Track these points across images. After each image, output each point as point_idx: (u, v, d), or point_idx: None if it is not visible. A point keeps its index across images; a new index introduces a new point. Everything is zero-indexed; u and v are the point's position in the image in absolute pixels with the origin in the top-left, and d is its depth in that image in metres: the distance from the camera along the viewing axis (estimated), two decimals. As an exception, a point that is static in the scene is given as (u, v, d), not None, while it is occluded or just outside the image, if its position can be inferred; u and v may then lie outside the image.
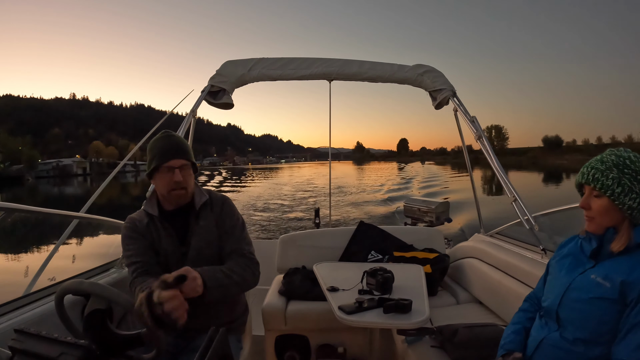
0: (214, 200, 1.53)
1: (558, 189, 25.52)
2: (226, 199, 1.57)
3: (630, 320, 0.95)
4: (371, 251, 2.62)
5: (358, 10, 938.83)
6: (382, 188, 25.75)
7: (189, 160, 1.44)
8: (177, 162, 1.39)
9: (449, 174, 40.57)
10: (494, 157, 2.41)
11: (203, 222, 1.47)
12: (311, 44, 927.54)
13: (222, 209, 1.52)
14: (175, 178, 1.38)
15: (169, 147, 1.41)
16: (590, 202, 1.06)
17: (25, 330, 0.88)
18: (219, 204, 1.53)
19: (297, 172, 65.37)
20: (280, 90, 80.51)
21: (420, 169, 56.79)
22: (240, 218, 1.56)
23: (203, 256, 1.43)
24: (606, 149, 1.08)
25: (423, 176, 37.90)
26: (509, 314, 1.53)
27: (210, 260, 1.42)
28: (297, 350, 2.23)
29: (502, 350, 1.20)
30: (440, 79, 2.81)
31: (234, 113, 48.88)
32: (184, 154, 1.42)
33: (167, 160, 1.38)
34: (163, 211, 1.48)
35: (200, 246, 1.45)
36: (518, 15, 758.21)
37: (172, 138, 1.44)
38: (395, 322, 1.54)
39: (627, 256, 1.01)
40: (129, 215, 1.52)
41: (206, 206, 1.50)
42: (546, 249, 1.97)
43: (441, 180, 31.60)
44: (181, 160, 1.40)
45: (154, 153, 1.41)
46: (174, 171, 1.39)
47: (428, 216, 3.63)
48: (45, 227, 5.39)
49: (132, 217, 1.50)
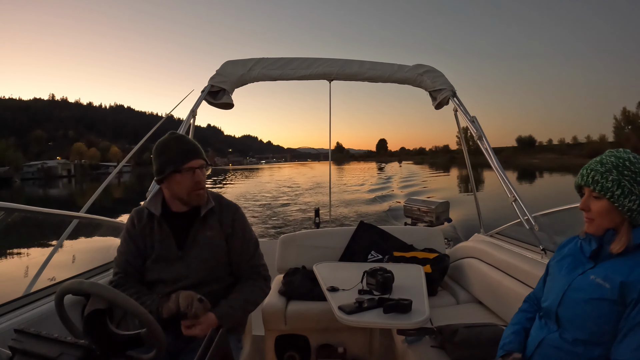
0: (224, 209, 1.50)
1: (532, 186, 25.81)
2: (237, 209, 1.54)
3: (629, 320, 0.95)
4: (371, 251, 2.62)
5: (358, 10, 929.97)
6: (361, 188, 26.20)
7: (205, 160, 1.43)
8: (197, 162, 1.39)
9: (427, 173, 42.17)
10: (494, 157, 2.41)
11: (210, 233, 1.44)
12: (311, 44, 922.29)
13: (234, 221, 1.49)
14: (197, 178, 1.38)
15: (187, 148, 1.39)
16: (590, 204, 1.06)
17: (25, 330, 0.88)
18: (229, 215, 1.49)
19: (278, 173, 66.15)
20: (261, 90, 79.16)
21: (398, 169, 57.86)
22: (252, 230, 1.56)
23: (207, 266, 1.43)
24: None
25: (401, 175, 38.96)
26: (509, 314, 1.52)
27: (215, 272, 1.43)
28: (297, 350, 2.23)
29: (502, 350, 1.20)
30: (440, 79, 2.81)
31: (215, 114, 48.93)
32: (202, 153, 1.42)
33: (188, 161, 1.37)
34: (166, 212, 1.45)
35: (204, 257, 1.42)
36: (492, 14, 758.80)
37: (185, 138, 1.43)
38: (395, 322, 1.54)
39: (626, 257, 1.01)
40: (134, 209, 1.51)
41: (213, 214, 1.47)
42: (546, 249, 1.97)
43: (419, 179, 32.68)
44: (200, 161, 1.40)
45: (170, 155, 1.38)
46: (194, 171, 1.38)
47: (428, 216, 3.63)
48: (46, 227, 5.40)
49: (136, 213, 1.48)
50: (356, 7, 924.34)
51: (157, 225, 1.44)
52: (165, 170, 1.37)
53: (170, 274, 1.41)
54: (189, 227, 1.44)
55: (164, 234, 1.43)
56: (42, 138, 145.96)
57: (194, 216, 1.45)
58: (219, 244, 1.45)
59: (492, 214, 2.86)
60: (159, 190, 1.48)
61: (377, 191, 22.18)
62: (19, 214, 1.52)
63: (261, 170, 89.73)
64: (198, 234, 1.44)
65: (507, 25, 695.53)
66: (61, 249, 1.97)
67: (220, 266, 1.46)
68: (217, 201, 1.51)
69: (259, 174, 66.09)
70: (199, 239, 1.43)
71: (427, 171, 48.18)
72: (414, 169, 55.24)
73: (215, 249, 1.44)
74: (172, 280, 1.40)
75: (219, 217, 1.48)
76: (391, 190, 22.53)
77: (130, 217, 1.49)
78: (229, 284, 1.50)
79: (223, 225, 1.47)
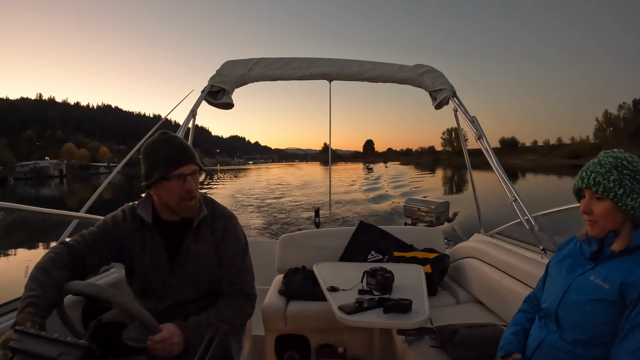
0: (217, 219, 1.36)
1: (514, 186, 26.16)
2: (230, 218, 1.39)
3: (629, 321, 0.95)
4: (371, 251, 2.62)
5: (358, 10, 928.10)
6: (353, 188, 26.60)
7: (198, 165, 1.27)
8: (188, 168, 1.22)
9: (414, 174, 43.07)
10: (494, 157, 2.41)
11: (203, 247, 1.31)
12: (311, 44, 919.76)
13: (225, 231, 1.35)
14: (187, 186, 1.22)
15: (177, 151, 1.23)
16: (592, 206, 1.05)
17: (25, 330, 0.88)
18: (221, 225, 1.35)
19: (268, 173, 66.73)
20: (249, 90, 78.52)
21: (385, 170, 58.64)
22: (244, 241, 1.40)
23: (200, 281, 1.32)
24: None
25: (389, 175, 39.87)
26: (509, 314, 1.53)
27: (208, 286, 1.33)
28: (297, 350, 2.23)
29: (502, 351, 1.20)
30: (440, 79, 2.82)
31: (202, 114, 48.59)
32: (194, 157, 1.26)
33: (178, 167, 1.21)
34: (157, 220, 1.31)
35: (197, 272, 1.30)
36: (479, 14, 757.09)
37: (176, 140, 1.26)
38: (395, 322, 1.54)
39: (626, 258, 1.01)
40: (128, 206, 1.36)
41: (206, 224, 1.33)
42: (546, 249, 1.97)
43: (408, 178, 33.51)
44: (192, 166, 1.24)
45: (158, 159, 1.22)
46: (185, 179, 1.22)
47: (428, 216, 3.63)
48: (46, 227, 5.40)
49: (130, 211, 1.33)
50: (356, 7, 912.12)
51: (148, 233, 1.31)
52: (152, 175, 1.22)
53: (159, 287, 1.30)
54: (182, 238, 1.31)
55: (154, 243, 1.30)
56: (32, 138, 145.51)
57: (186, 226, 1.31)
58: (212, 259, 1.33)
59: (484, 214, 2.89)
60: (148, 194, 1.32)
61: (371, 191, 22.51)
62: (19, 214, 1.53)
63: (250, 170, 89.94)
64: (191, 246, 1.30)
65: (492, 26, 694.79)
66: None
67: (212, 282, 1.34)
68: (210, 207, 1.37)
69: (249, 174, 66.72)
70: (192, 252, 1.30)
71: (414, 172, 49.24)
72: (402, 169, 56.21)
73: (208, 263, 1.32)
74: (161, 293, 1.30)
75: (211, 227, 1.34)
76: (385, 191, 22.92)
77: (123, 210, 1.35)
78: None
79: (215, 237, 1.34)
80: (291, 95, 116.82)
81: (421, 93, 2.91)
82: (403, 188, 23.88)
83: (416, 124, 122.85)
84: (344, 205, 16.10)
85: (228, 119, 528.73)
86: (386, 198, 18.63)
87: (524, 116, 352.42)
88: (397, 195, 19.06)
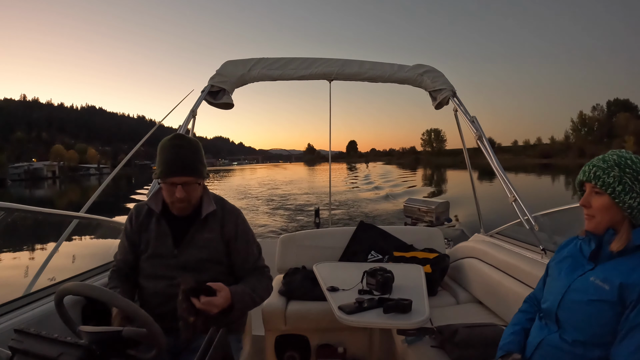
0: (225, 213, 1.49)
1: (492, 185, 26.24)
2: (240, 213, 1.54)
3: (629, 322, 0.95)
4: (371, 251, 2.62)
5: (358, 10, 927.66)
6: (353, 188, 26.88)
7: (193, 176, 1.37)
8: (179, 179, 1.34)
9: (398, 173, 44.78)
10: (494, 157, 2.41)
11: (209, 235, 1.43)
12: (311, 44, 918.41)
13: (237, 225, 1.49)
14: (177, 194, 1.34)
15: (174, 162, 1.34)
16: (590, 200, 1.06)
17: (25, 330, 0.89)
18: (231, 219, 1.48)
19: (255, 174, 67.30)
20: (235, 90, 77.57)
21: (372, 169, 60.31)
22: (252, 232, 1.56)
23: (205, 268, 1.42)
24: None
25: (377, 174, 41.60)
26: (509, 314, 1.53)
27: (213, 273, 1.42)
28: (297, 350, 2.23)
29: (502, 351, 1.20)
30: (440, 79, 2.82)
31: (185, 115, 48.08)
32: (190, 170, 1.36)
33: (170, 177, 1.33)
34: (166, 210, 1.45)
35: (201, 258, 1.42)
36: (461, 13, 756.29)
37: (181, 151, 1.36)
38: (395, 322, 1.54)
39: (626, 258, 1.01)
40: (135, 205, 1.53)
41: (215, 217, 1.46)
42: (546, 249, 1.97)
43: (395, 176, 35.06)
44: (185, 178, 1.35)
45: (160, 162, 1.36)
46: (176, 187, 1.34)
47: (428, 216, 3.64)
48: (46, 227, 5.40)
49: (136, 209, 1.50)
50: (356, 7, 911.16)
51: (156, 222, 1.45)
52: (156, 175, 1.37)
53: (165, 272, 1.41)
54: (188, 227, 1.43)
55: (161, 231, 1.43)
56: (23, 140, 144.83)
57: (194, 217, 1.44)
58: (217, 247, 1.44)
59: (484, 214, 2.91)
60: (160, 187, 1.46)
61: (365, 191, 22.79)
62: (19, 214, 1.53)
63: (236, 171, 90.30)
64: (196, 234, 1.43)
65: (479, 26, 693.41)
66: (61, 249, 1.97)
67: (217, 268, 1.45)
68: (220, 204, 1.50)
69: (237, 174, 67.61)
70: (197, 239, 1.42)
71: (398, 170, 51.35)
72: (388, 169, 58.60)
73: (212, 250, 1.43)
74: (169, 276, 1.39)
75: (220, 221, 1.47)
76: (383, 190, 23.08)
77: (130, 213, 1.51)
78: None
79: (224, 229, 1.46)
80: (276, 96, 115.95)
81: (402, 92, 2.94)
82: (391, 183, 24.96)
83: (399, 125, 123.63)
84: (339, 207, 16.17)
85: (212, 119, 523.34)
86: (383, 194, 18.80)
87: (504, 117, 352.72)
88: (388, 190, 19.24)
